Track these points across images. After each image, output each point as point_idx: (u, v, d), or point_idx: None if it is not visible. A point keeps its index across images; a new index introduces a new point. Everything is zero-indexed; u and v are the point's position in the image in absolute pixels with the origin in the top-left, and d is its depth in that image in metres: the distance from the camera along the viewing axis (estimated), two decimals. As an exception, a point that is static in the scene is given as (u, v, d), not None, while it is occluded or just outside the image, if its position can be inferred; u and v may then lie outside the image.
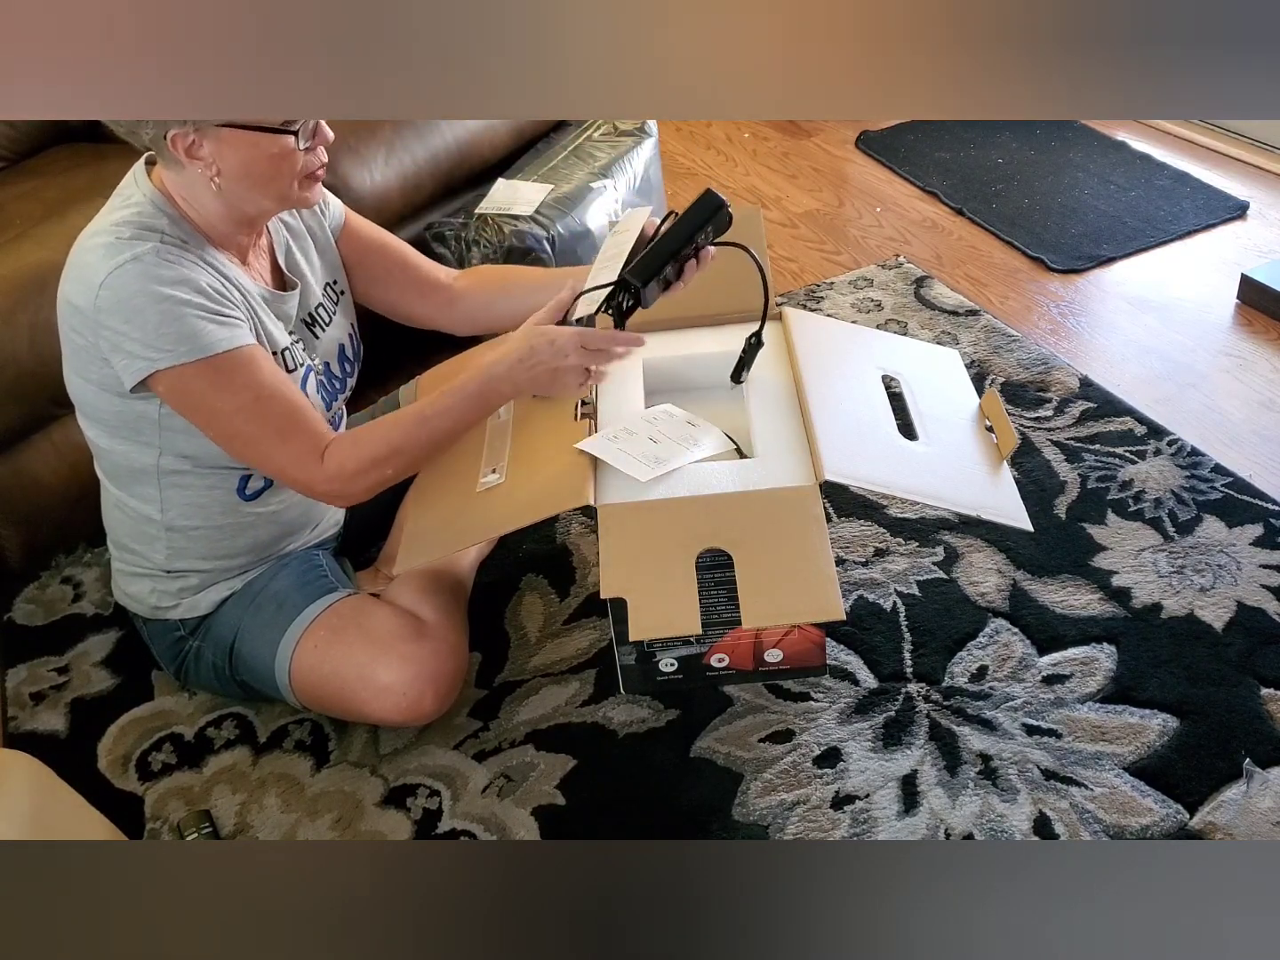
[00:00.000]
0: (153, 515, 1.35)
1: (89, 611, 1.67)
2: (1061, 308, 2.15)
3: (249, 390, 1.21)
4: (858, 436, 1.34)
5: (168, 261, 1.18)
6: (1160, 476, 1.72)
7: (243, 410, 1.21)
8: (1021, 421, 1.85)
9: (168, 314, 1.17)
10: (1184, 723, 1.36)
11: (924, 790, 1.32)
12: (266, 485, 1.37)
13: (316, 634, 1.36)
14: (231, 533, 1.38)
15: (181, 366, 1.18)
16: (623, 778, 1.37)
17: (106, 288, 1.17)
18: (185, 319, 1.17)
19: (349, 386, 1.48)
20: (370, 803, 1.37)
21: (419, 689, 1.34)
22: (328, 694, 1.37)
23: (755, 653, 1.42)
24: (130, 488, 1.35)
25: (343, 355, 1.45)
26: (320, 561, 1.47)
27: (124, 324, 1.17)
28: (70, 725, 1.50)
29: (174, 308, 1.17)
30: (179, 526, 1.35)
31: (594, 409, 1.38)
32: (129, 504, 1.37)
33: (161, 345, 1.17)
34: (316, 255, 1.43)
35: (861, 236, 2.44)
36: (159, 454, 1.30)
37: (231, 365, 1.20)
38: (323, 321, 1.42)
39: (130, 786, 1.42)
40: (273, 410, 1.22)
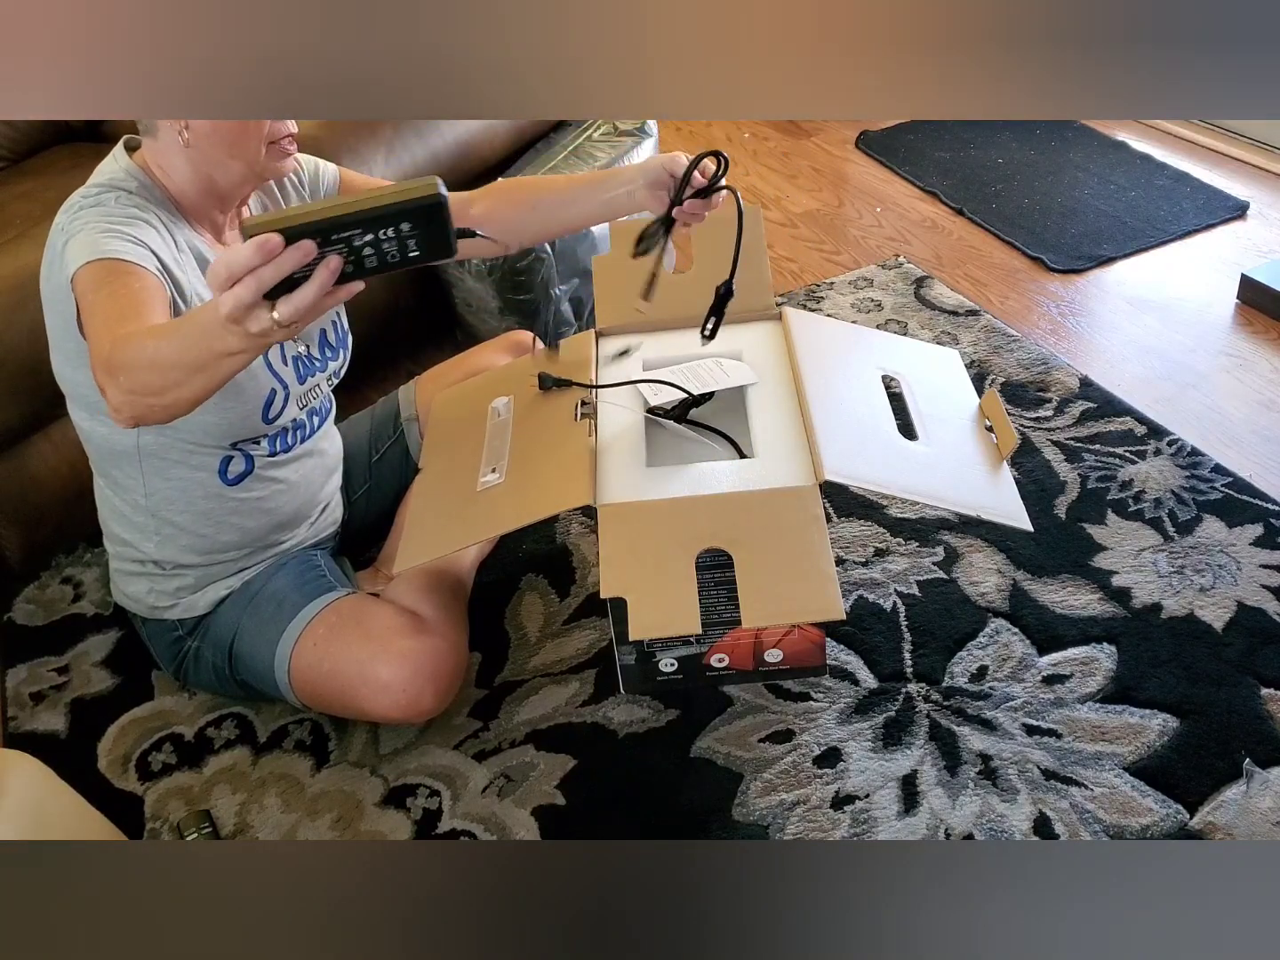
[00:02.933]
0: (138, 500, 1.36)
1: (89, 611, 1.67)
2: (1061, 308, 2.15)
3: (114, 288, 1.13)
4: (858, 436, 1.34)
5: (121, 205, 1.19)
6: (1160, 476, 1.72)
7: (95, 305, 1.13)
8: (1021, 421, 1.85)
9: (96, 229, 1.16)
10: (1184, 723, 1.36)
11: (924, 790, 1.32)
12: (248, 470, 1.37)
13: (315, 632, 1.36)
14: (217, 520, 1.37)
15: (82, 267, 1.14)
16: (623, 778, 1.37)
17: (61, 230, 1.19)
18: (108, 233, 1.17)
19: (332, 369, 1.46)
20: (370, 803, 1.37)
21: (418, 686, 1.34)
22: (327, 692, 1.37)
23: (755, 653, 1.42)
24: (114, 471, 1.35)
25: (324, 340, 1.45)
26: (318, 562, 1.47)
27: (69, 253, 1.16)
28: (70, 725, 1.50)
29: (105, 226, 1.17)
30: (164, 513, 1.35)
31: (594, 409, 1.38)
32: (115, 489, 1.37)
33: (80, 256, 1.15)
34: None
35: (861, 236, 2.44)
36: (138, 432, 1.30)
37: (119, 269, 1.15)
38: None
39: (130, 786, 1.42)
40: (115, 306, 1.12)
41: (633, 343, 1.49)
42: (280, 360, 1.36)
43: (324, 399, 1.47)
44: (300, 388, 1.38)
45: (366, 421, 1.67)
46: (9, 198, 1.78)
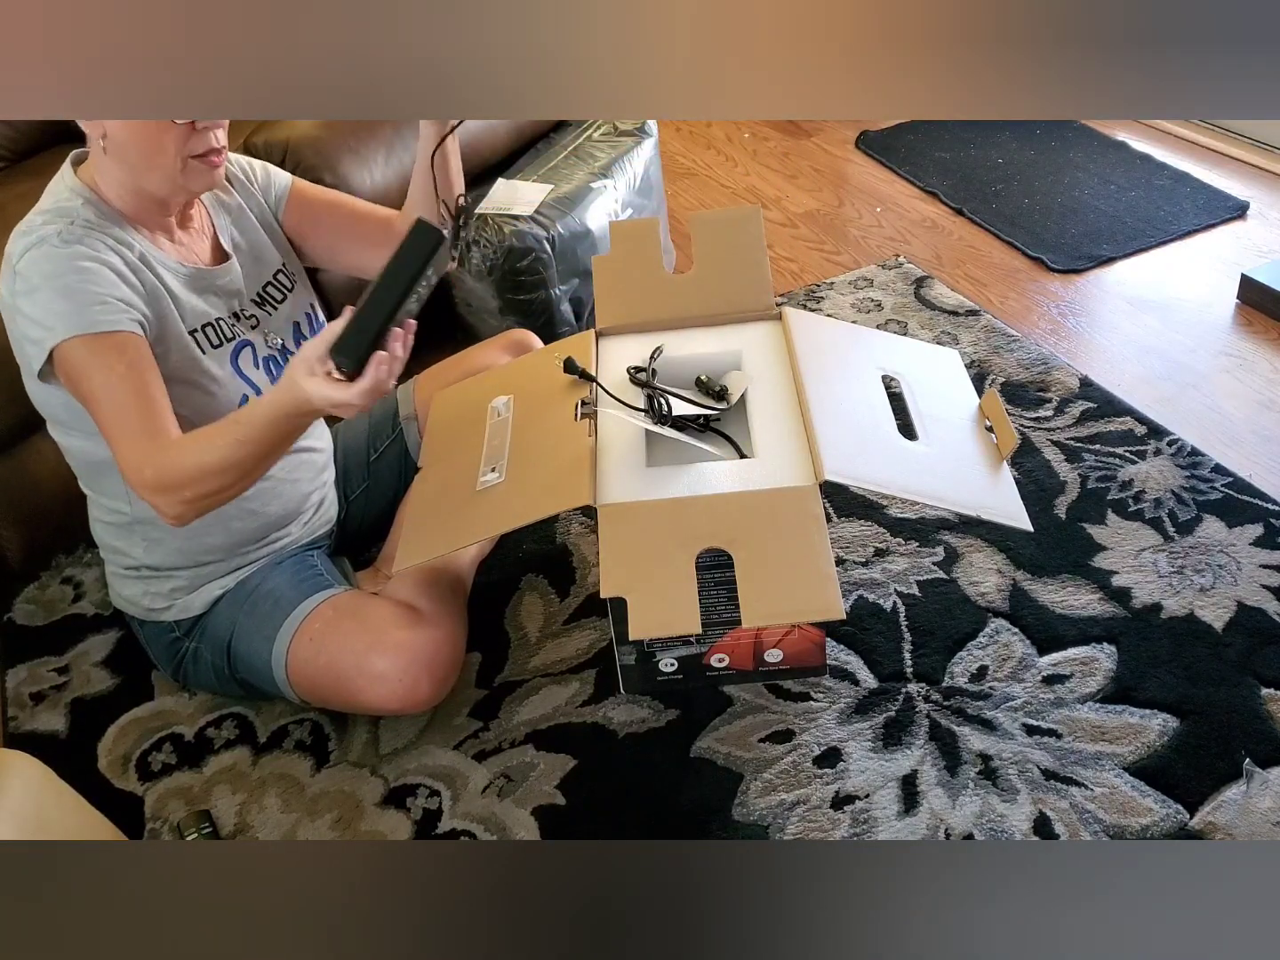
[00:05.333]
0: (123, 508, 1.36)
1: (89, 611, 1.67)
2: (1061, 308, 2.15)
3: (106, 375, 1.18)
4: (858, 436, 1.34)
5: (68, 242, 1.19)
6: (1160, 476, 1.72)
7: (96, 396, 1.19)
8: (1021, 421, 1.85)
9: (59, 291, 1.17)
10: (1184, 723, 1.36)
11: (924, 790, 1.32)
12: None
13: (312, 627, 1.36)
14: (203, 524, 1.34)
15: (63, 344, 1.18)
16: (623, 778, 1.37)
17: (17, 275, 1.19)
18: (73, 296, 1.18)
19: None
20: (370, 803, 1.37)
21: (414, 675, 1.34)
22: (325, 685, 1.37)
23: (755, 653, 1.42)
24: (97, 483, 1.36)
25: (298, 333, 1.45)
26: (314, 561, 1.47)
27: (28, 306, 1.18)
28: (70, 725, 1.50)
29: (66, 284, 1.18)
30: (148, 518, 1.35)
31: (594, 409, 1.38)
32: (101, 501, 1.38)
33: (49, 323, 1.18)
34: (264, 234, 1.42)
35: (861, 236, 2.44)
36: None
37: (102, 346, 1.18)
38: (274, 300, 1.42)
39: (130, 786, 1.42)
40: (118, 400, 1.18)
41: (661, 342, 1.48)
42: (251, 364, 1.36)
43: None
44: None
45: (364, 420, 1.67)
46: (9, 198, 1.78)
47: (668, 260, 1.33)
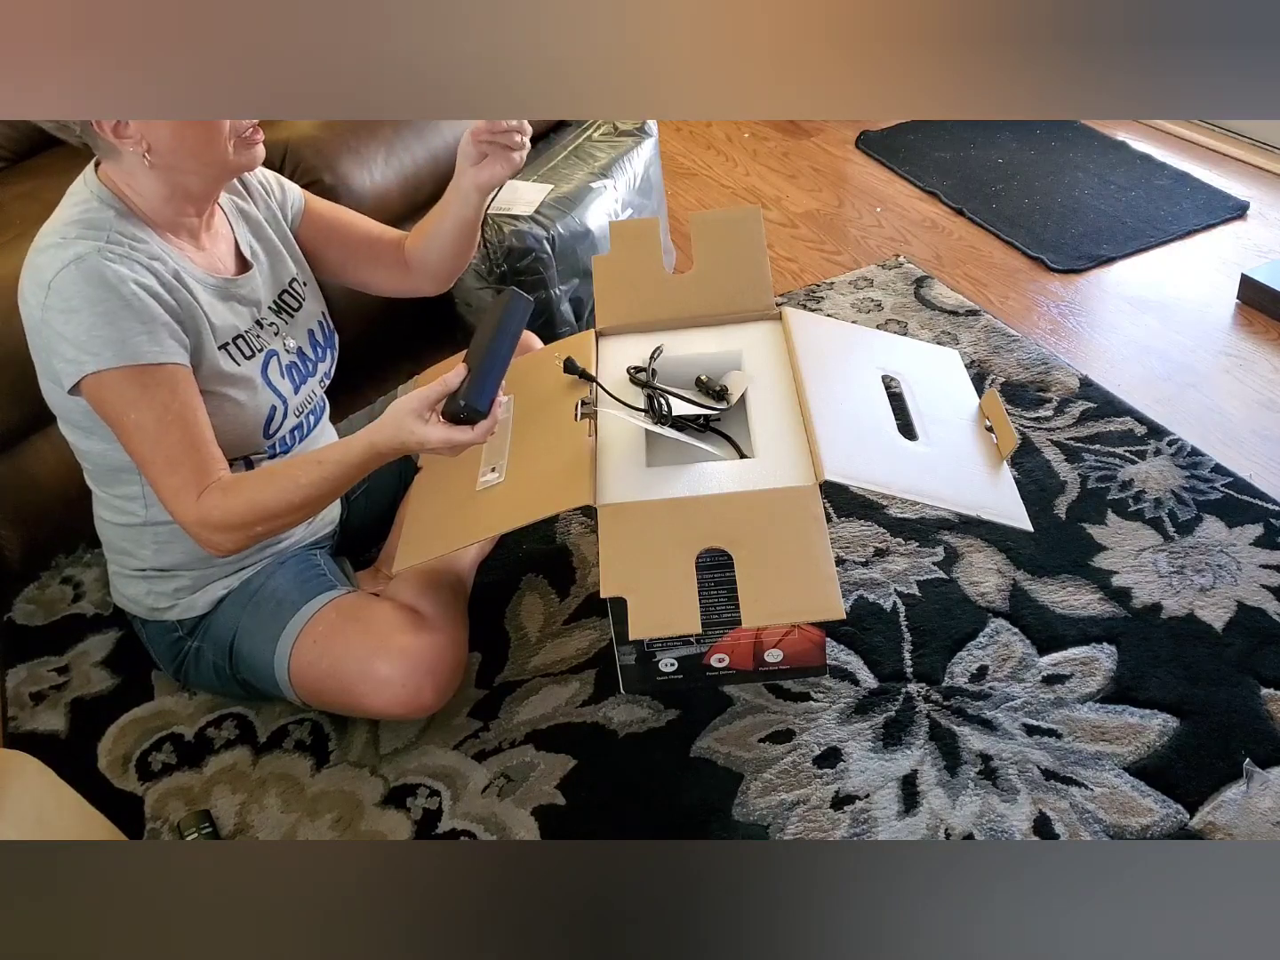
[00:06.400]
0: (137, 511, 1.36)
1: (89, 611, 1.67)
2: (1061, 308, 2.15)
3: (154, 410, 1.19)
4: (858, 436, 1.34)
5: (108, 262, 1.18)
6: (1160, 476, 1.72)
7: (144, 428, 1.20)
8: (1021, 421, 1.85)
9: (102, 316, 1.16)
10: (1184, 723, 1.36)
11: (924, 790, 1.32)
12: None
13: (315, 630, 1.36)
14: None
15: (104, 372, 1.18)
16: (623, 778, 1.37)
17: (52, 290, 1.17)
18: (117, 323, 1.17)
19: (322, 371, 1.47)
20: (370, 803, 1.37)
21: (417, 681, 1.34)
22: (327, 689, 1.37)
23: (755, 653, 1.42)
24: (113, 487, 1.35)
25: (313, 340, 1.45)
26: (318, 561, 1.47)
27: (63, 325, 1.17)
28: (70, 725, 1.50)
29: (109, 310, 1.16)
30: (162, 520, 1.35)
31: (594, 409, 1.38)
32: (114, 504, 1.37)
33: (91, 348, 1.17)
34: (279, 242, 1.43)
35: (861, 236, 2.44)
36: None
37: (150, 380, 1.19)
38: (290, 309, 1.42)
39: (130, 786, 1.42)
40: (169, 437, 1.20)
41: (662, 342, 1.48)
42: (279, 374, 1.37)
43: (318, 401, 1.47)
44: (296, 399, 1.39)
45: (366, 421, 1.67)
46: (9, 198, 1.78)
47: (668, 260, 1.33)
